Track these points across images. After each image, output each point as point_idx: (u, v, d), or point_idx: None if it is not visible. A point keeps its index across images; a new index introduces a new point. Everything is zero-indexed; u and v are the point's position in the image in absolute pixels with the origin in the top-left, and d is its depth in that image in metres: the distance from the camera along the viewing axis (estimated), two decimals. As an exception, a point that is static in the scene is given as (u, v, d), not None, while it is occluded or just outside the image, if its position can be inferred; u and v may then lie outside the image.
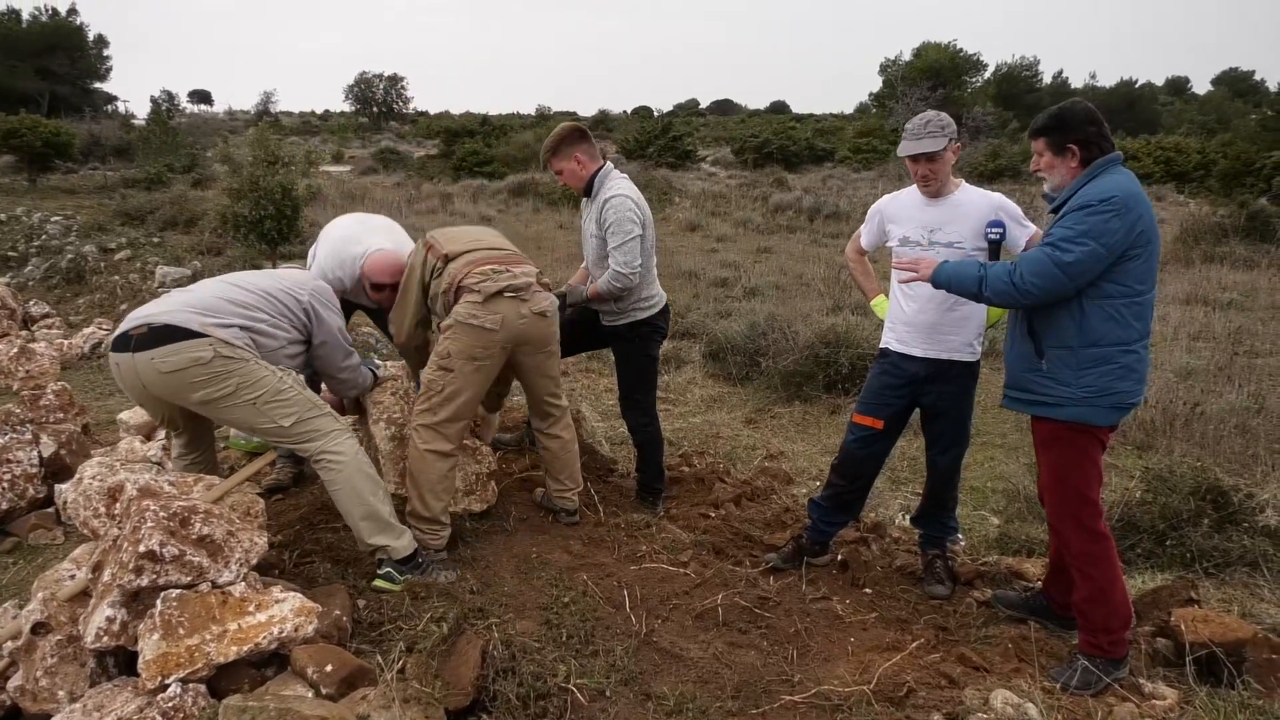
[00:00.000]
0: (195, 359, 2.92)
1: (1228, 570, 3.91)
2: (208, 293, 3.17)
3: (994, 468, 5.56)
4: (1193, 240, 14.55)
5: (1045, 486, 3.09)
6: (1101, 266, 2.75)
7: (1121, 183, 2.76)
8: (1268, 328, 9.48)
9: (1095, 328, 2.82)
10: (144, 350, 2.93)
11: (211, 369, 2.93)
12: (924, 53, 51.71)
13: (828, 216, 19.02)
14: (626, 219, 3.84)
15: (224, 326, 3.02)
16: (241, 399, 3.00)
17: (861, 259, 3.94)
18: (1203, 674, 2.95)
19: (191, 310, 3.02)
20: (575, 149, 3.98)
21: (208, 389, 2.95)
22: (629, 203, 3.87)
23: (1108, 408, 2.86)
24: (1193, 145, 29.28)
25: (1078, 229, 2.73)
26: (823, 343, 7.12)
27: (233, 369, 2.97)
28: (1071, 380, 2.87)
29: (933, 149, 3.33)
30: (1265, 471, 5.15)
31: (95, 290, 10.61)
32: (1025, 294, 2.83)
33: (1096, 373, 2.83)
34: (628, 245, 3.84)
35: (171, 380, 2.94)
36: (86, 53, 47.43)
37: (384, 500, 3.24)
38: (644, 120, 44.40)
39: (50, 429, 4.51)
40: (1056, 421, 2.94)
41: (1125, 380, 2.84)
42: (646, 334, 4.12)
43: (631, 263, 3.85)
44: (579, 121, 4.43)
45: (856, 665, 2.98)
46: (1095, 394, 2.84)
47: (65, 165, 23.68)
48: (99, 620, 2.52)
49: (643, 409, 4.26)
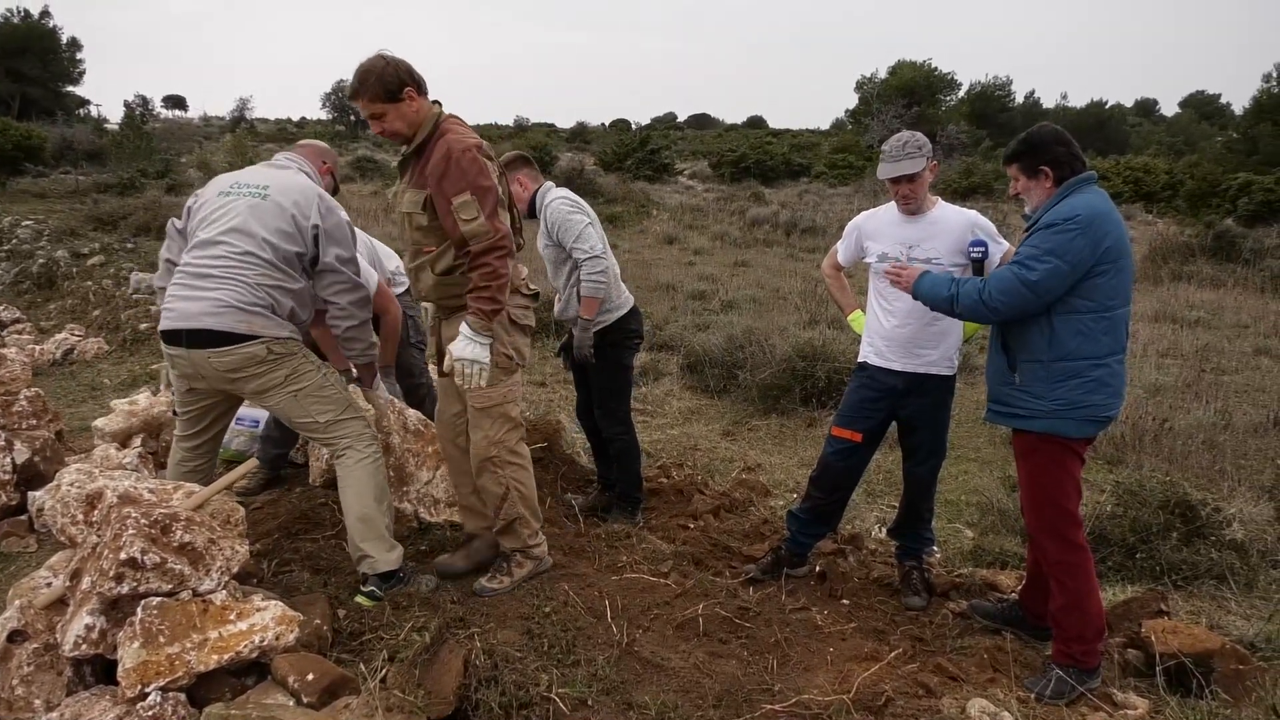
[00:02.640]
0: (250, 356, 3.07)
1: (1196, 583, 3.99)
2: (233, 274, 3.08)
3: (968, 481, 5.63)
4: (1161, 259, 14.86)
5: (1024, 497, 3.15)
6: (1067, 283, 2.82)
7: (1089, 201, 2.84)
8: (1234, 345, 9.69)
9: (1065, 342, 2.89)
10: (199, 348, 3.06)
11: (266, 363, 3.10)
12: (899, 71, 52.26)
13: (804, 231, 19.16)
14: (567, 215, 3.97)
15: (270, 316, 3.10)
16: (287, 389, 3.16)
17: (838, 274, 3.99)
18: (1172, 684, 3.01)
19: (233, 310, 3.04)
20: (517, 172, 4.09)
21: (261, 380, 3.12)
22: (565, 202, 4.01)
23: (1080, 420, 2.92)
24: (1161, 166, 29.82)
25: (1042, 247, 2.81)
26: (800, 356, 7.17)
27: (284, 362, 3.13)
28: (1044, 393, 2.94)
29: (912, 170, 3.39)
30: (1232, 486, 5.25)
31: (67, 296, 10.47)
32: (994, 310, 2.91)
33: (1067, 386, 2.90)
34: (583, 233, 3.95)
35: (230, 374, 3.09)
36: (59, 55, 46.88)
37: (385, 512, 3.29)
38: (622, 133, 44.52)
39: (23, 435, 4.45)
40: (1031, 433, 3.00)
41: (1097, 393, 2.90)
42: (618, 340, 4.15)
43: (595, 247, 3.94)
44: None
45: (836, 675, 3.01)
46: (1066, 406, 2.91)
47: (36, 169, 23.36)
48: (78, 628, 2.50)
49: (618, 418, 4.29)
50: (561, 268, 4.11)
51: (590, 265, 3.93)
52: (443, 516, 3.78)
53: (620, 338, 4.17)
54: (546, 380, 7.77)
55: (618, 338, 4.15)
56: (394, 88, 3.01)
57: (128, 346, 8.37)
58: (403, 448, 3.83)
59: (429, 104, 3.15)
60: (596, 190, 22.94)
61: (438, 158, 3.02)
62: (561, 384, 7.57)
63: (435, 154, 3.04)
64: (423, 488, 3.85)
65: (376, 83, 3.01)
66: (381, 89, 3.01)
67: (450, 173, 2.99)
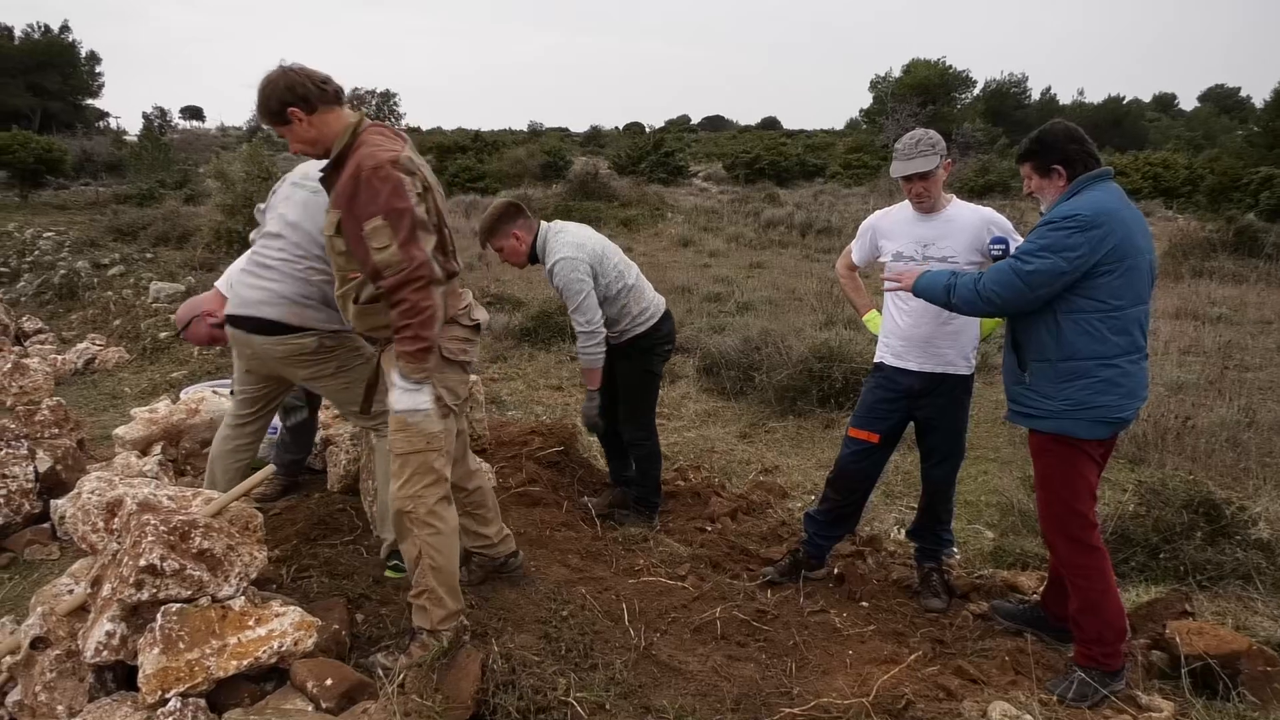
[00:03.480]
0: (300, 347, 3.17)
1: (1221, 583, 3.93)
2: (289, 268, 3.18)
3: (988, 481, 5.58)
4: (1181, 255, 14.68)
5: (1037, 498, 3.13)
6: (1064, 280, 2.80)
7: (1096, 199, 2.81)
8: (1257, 342, 9.56)
9: (1071, 341, 2.87)
10: (256, 334, 3.17)
11: (318, 354, 3.20)
12: (914, 69, 52.01)
13: (819, 232, 19.09)
14: (572, 281, 3.91)
15: (322, 309, 3.19)
16: (339, 380, 3.27)
17: (852, 274, 3.97)
18: (1198, 686, 2.97)
19: (287, 302, 3.15)
20: (511, 226, 4.00)
21: (311, 369, 3.24)
22: (569, 264, 3.91)
23: (1090, 421, 2.89)
24: (1180, 161, 29.54)
25: (1039, 242, 2.81)
26: (816, 357, 7.14)
27: (334, 355, 3.23)
28: (1052, 393, 2.91)
29: (925, 169, 3.37)
30: (1257, 485, 5.18)
31: (88, 306, 10.60)
32: (988, 301, 2.90)
33: (1075, 386, 2.87)
34: (583, 305, 3.91)
35: (283, 360, 3.21)
36: (79, 69, 47.47)
37: None
38: (636, 136, 44.49)
39: (46, 444, 4.49)
40: (1042, 433, 2.98)
41: (1107, 394, 2.86)
42: (647, 348, 4.13)
43: (593, 320, 3.92)
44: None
45: (855, 678, 2.99)
46: (1074, 406, 2.88)
47: (57, 181, 23.67)
48: (98, 635, 2.52)
49: (641, 425, 4.28)
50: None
51: (584, 340, 3.93)
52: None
53: (650, 344, 4.15)
54: (563, 384, 7.78)
55: (648, 344, 4.14)
56: (275, 109, 2.73)
57: (148, 355, 8.45)
58: None
59: (340, 114, 2.79)
60: (611, 194, 22.94)
61: (346, 176, 2.68)
62: (578, 388, 7.57)
63: (346, 171, 2.70)
64: None
65: (261, 106, 2.77)
66: (265, 113, 2.77)
67: (360, 194, 2.63)
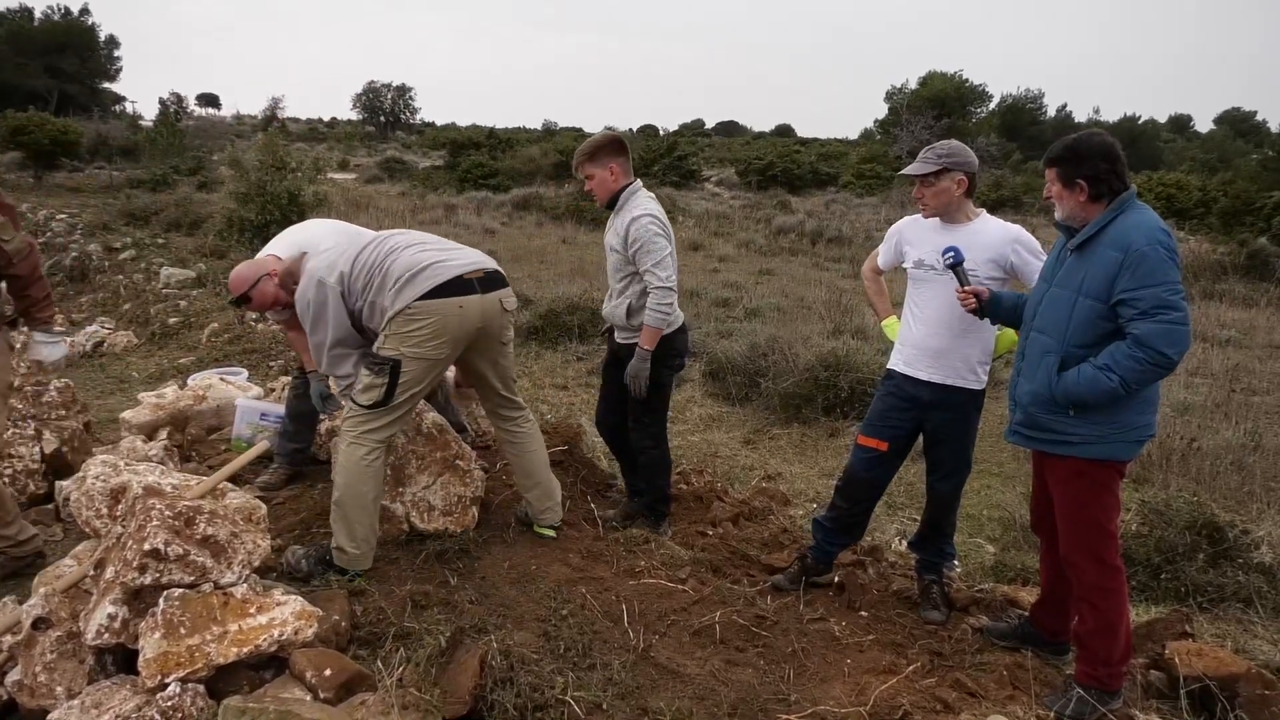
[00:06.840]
0: (514, 301, 3.42)
1: (1222, 605, 3.93)
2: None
3: (990, 496, 5.58)
4: (1192, 277, 14.65)
5: (1063, 521, 3.03)
6: None
7: (1153, 221, 2.77)
8: (1265, 366, 9.54)
9: None
10: (492, 290, 3.29)
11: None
12: (930, 81, 51.89)
13: (830, 240, 19.11)
14: (655, 237, 3.81)
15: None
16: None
17: (877, 279, 3.97)
18: (1196, 707, 2.96)
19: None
20: (613, 159, 3.94)
21: (510, 327, 3.43)
22: (656, 224, 3.84)
23: (1130, 442, 2.88)
24: (1194, 183, 29.42)
25: (1170, 279, 2.70)
26: (823, 366, 7.14)
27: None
28: (1102, 419, 2.85)
29: (917, 171, 3.41)
30: (1260, 508, 5.17)
31: (98, 289, 10.65)
32: (1173, 361, 2.73)
33: (1129, 409, 2.84)
34: (664, 261, 3.80)
35: (506, 317, 3.35)
36: (97, 53, 47.74)
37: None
38: (649, 139, 44.52)
39: (52, 425, 4.51)
40: (1079, 459, 2.90)
41: (1144, 413, 2.87)
42: (660, 357, 3.95)
43: (671, 278, 3.81)
44: (579, 136, 4.47)
45: (852, 687, 2.99)
46: (1121, 429, 2.85)
47: (71, 164, 23.77)
48: (100, 617, 2.53)
49: (649, 433, 4.14)
50: (620, 272, 3.98)
51: (660, 295, 3.80)
52: (434, 525, 3.72)
53: (663, 354, 3.98)
54: (568, 384, 7.79)
55: (660, 354, 3.96)
56: None
57: (156, 340, 8.49)
58: (407, 449, 3.78)
59: None
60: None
61: None
62: (583, 388, 7.59)
63: None
64: (420, 491, 3.75)
65: None
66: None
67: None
